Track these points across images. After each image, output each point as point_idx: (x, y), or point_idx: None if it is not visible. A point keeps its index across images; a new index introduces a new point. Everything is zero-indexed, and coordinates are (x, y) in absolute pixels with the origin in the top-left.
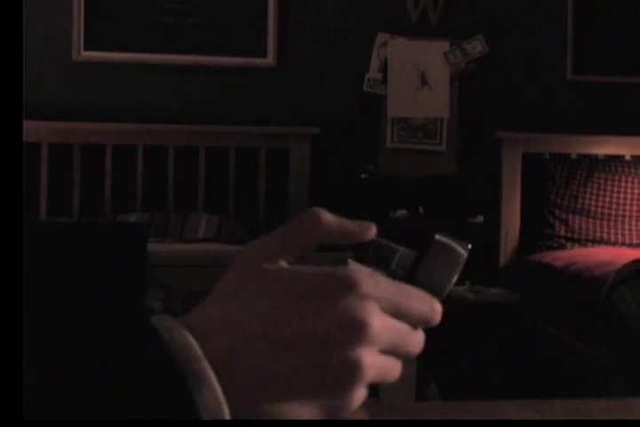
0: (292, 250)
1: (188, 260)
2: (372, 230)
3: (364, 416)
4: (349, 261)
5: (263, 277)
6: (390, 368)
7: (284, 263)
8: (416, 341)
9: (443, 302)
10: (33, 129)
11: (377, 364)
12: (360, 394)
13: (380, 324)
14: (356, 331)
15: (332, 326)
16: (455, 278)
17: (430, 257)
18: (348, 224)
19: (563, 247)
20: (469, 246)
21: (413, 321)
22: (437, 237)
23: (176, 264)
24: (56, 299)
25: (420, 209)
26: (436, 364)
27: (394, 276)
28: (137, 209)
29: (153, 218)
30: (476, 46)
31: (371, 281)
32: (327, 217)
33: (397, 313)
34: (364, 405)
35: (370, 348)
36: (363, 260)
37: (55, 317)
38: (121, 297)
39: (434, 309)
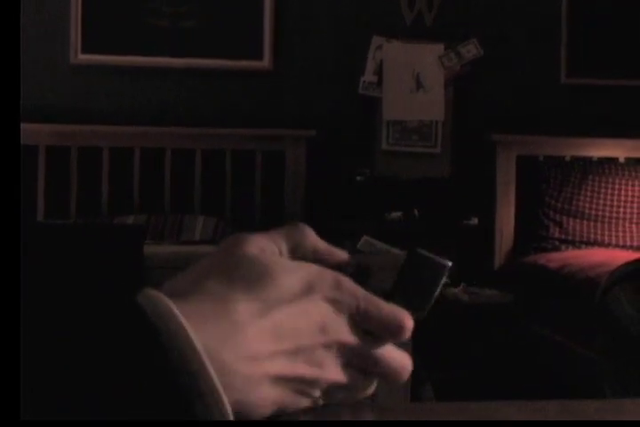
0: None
1: (185, 261)
2: (343, 257)
3: (352, 417)
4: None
5: (257, 265)
6: (355, 382)
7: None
8: (394, 364)
9: (435, 307)
10: (30, 131)
11: (337, 378)
12: (314, 396)
13: (347, 340)
14: (326, 345)
15: (309, 335)
16: (435, 295)
17: (410, 275)
18: (324, 246)
19: (557, 249)
20: (450, 264)
21: (381, 332)
22: (416, 255)
23: (173, 266)
24: (52, 300)
25: (415, 211)
26: (431, 364)
27: (374, 294)
28: (134, 211)
29: (150, 220)
30: (471, 49)
31: (341, 285)
32: (311, 232)
33: (364, 320)
34: (357, 405)
35: (334, 361)
36: None
37: (52, 318)
38: (117, 299)
39: (403, 323)
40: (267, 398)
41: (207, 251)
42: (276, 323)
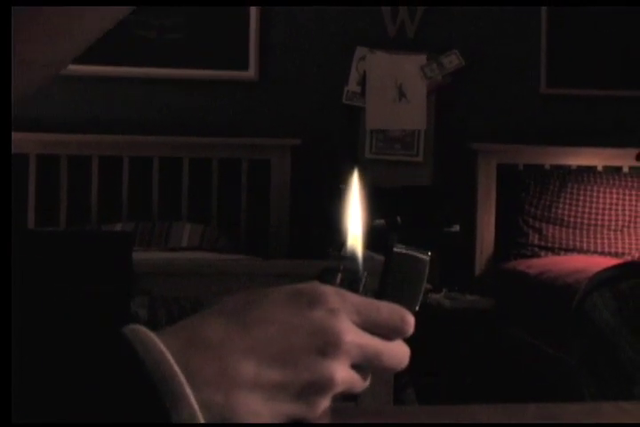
0: None
1: (172, 268)
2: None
3: (328, 420)
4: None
5: (242, 299)
6: (358, 381)
7: None
8: (395, 355)
9: (418, 312)
10: (21, 141)
11: (347, 378)
12: (325, 403)
13: (351, 339)
14: (328, 347)
15: (306, 342)
16: (422, 287)
17: (393, 273)
18: None
19: (536, 255)
20: (429, 254)
21: (386, 332)
22: (395, 252)
23: (160, 272)
24: (42, 306)
25: (398, 218)
26: (413, 368)
27: (366, 297)
28: (122, 218)
29: (138, 227)
30: (452, 60)
31: (337, 295)
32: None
33: (368, 325)
34: (341, 408)
35: (341, 363)
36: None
37: (42, 326)
38: (106, 305)
39: (404, 319)
40: (258, 410)
41: (194, 257)
42: (258, 336)
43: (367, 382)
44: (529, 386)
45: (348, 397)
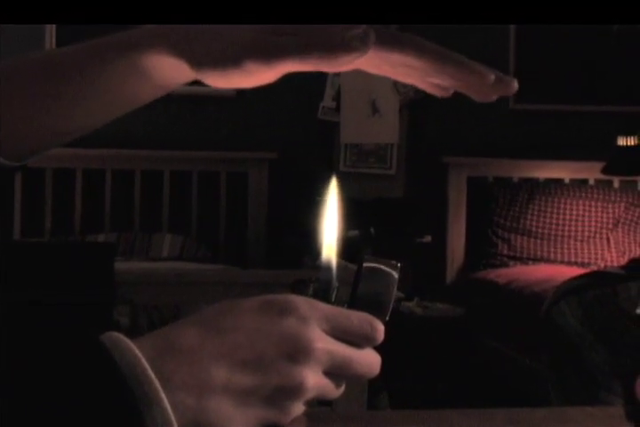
0: None
1: (153, 277)
2: None
3: (303, 425)
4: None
5: (217, 308)
6: (330, 388)
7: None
8: (366, 363)
9: (390, 320)
10: None
11: (319, 384)
12: (298, 409)
13: (321, 346)
14: (299, 353)
15: (277, 348)
16: (392, 297)
17: (364, 284)
18: None
19: (505, 265)
20: (399, 266)
21: (356, 340)
22: (365, 263)
23: (142, 281)
24: (24, 316)
25: (372, 229)
26: (387, 374)
27: (338, 306)
28: (105, 230)
29: (120, 238)
30: None
31: (308, 304)
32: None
33: (338, 333)
34: (316, 413)
35: (312, 369)
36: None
37: (21, 334)
38: (90, 313)
39: (374, 327)
40: (230, 414)
41: (174, 267)
42: (229, 343)
43: (341, 390)
44: (498, 391)
45: (323, 402)
